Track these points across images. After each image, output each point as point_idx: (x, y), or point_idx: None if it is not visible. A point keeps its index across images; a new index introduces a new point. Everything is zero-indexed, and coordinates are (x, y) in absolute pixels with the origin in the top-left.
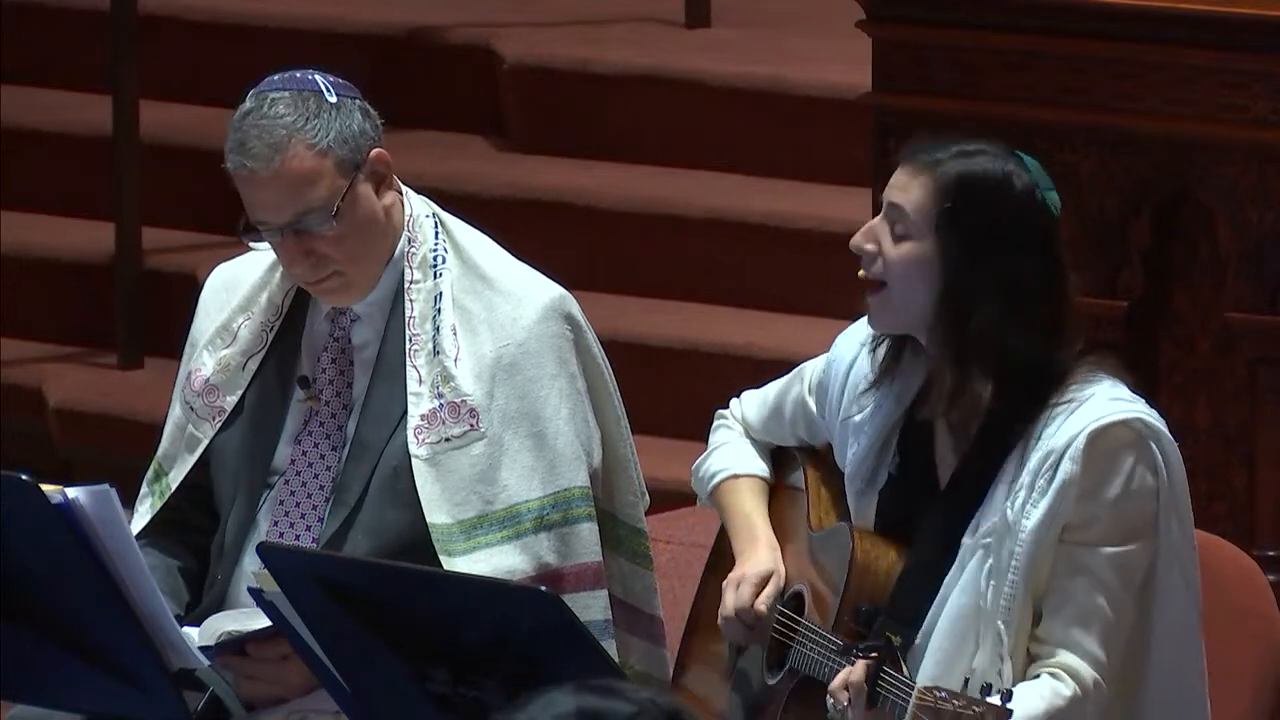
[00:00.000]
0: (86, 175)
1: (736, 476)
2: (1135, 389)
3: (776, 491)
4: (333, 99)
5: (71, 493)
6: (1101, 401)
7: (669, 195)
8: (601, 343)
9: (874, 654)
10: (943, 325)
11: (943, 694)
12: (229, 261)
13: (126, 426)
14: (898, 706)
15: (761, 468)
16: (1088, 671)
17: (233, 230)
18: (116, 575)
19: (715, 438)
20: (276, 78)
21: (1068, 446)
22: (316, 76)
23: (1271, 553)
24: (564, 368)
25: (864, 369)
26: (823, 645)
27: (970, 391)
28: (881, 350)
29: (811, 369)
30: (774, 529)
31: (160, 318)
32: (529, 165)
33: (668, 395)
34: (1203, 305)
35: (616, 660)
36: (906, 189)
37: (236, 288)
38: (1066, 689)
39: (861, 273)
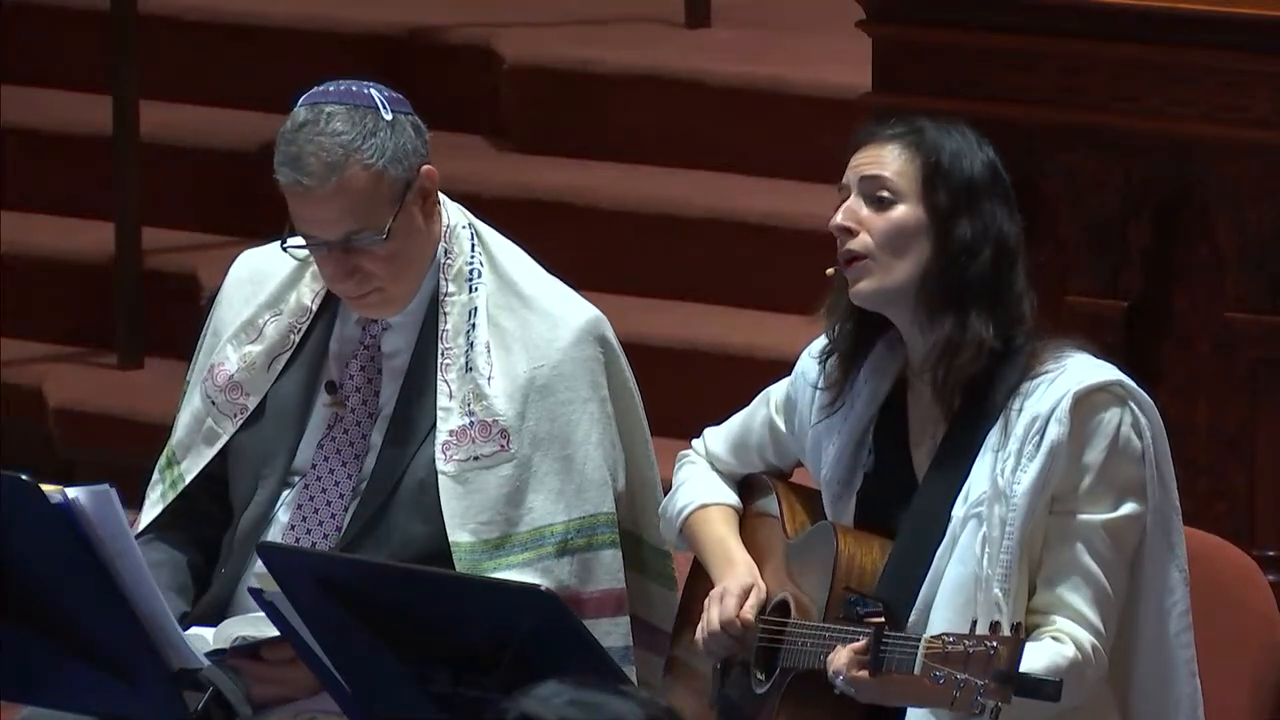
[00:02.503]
0: (86, 175)
1: (706, 506)
2: (1104, 358)
3: (747, 519)
4: (388, 116)
5: (71, 493)
6: (1082, 367)
7: (669, 195)
8: None
9: (878, 616)
10: (940, 279)
11: (950, 638)
12: (253, 251)
13: (126, 426)
14: (904, 664)
15: (730, 496)
16: (1085, 636)
17: (233, 230)
18: (116, 575)
19: (680, 475)
20: (331, 88)
21: (1053, 409)
22: (373, 91)
23: (1271, 553)
24: (596, 391)
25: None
26: (816, 635)
27: (972, 339)
28: (833, 361)
29: (776, 391)
30: (749, 552)
31: (160, 318)
32: (529, 165)
33: (668, 395)
34: (1203, 305)
35: (637, 680)
36: (880, 160)
37: (264, 282)
38: (1068, 650)
39: (849, 246)
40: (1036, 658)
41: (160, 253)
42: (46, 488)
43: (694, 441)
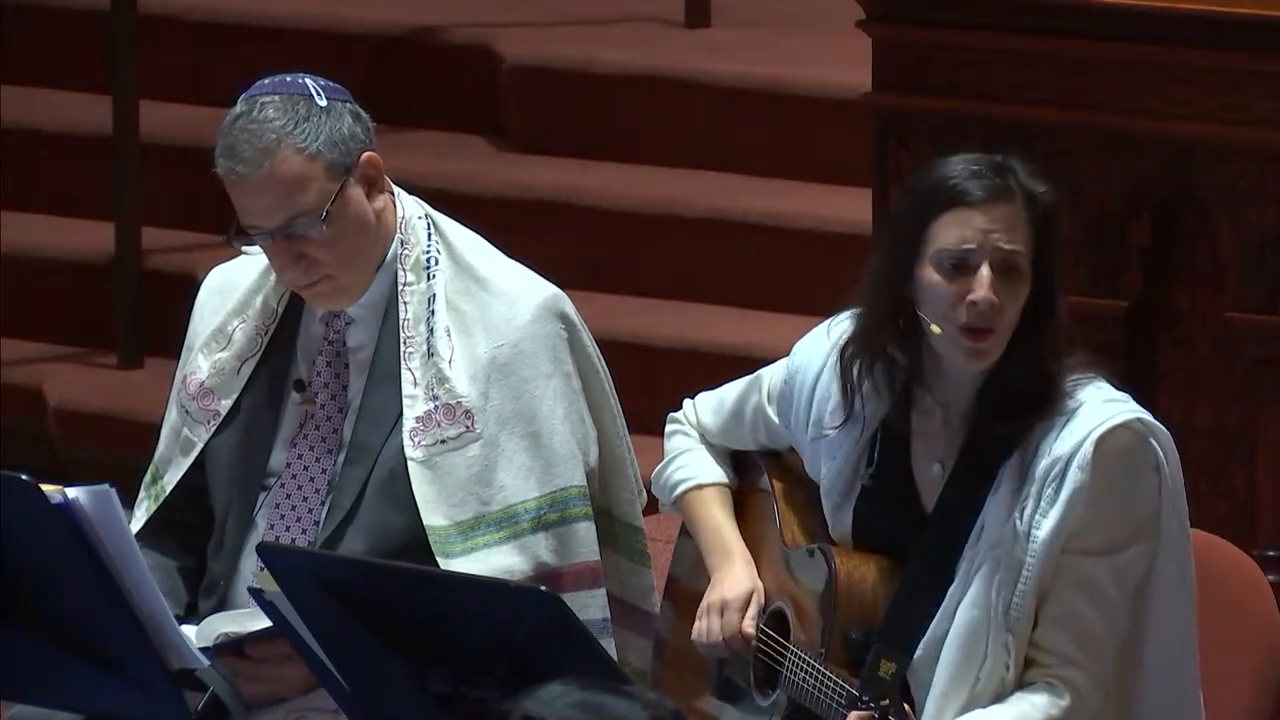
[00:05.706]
0: (86, 175)
1: (701, 486)
2: (1115, 384)
3: (742, 496)
4: (323, 102)
5: (71, 493)
6: (1098, 406)
7: (669, 195)
8: (601, 343)
9: (884, 702)
10: (1046, 340)
11: None
12: (224, 264)
13: (126, 426)
14: None
15: (725, 476)
16: (1084, 681)
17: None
18: (116, 575)
19: (672, 444)
20: (267, 81)
21: (1074, 454)
22: (307, 80)
23: (1271, 553)
24: (559, 367)
25: (829, 385)
26: (816, 676)
27: (1059, 388)
28: (849, 373)
29: (769, 377)
30: (745, 539)
31: (160, 318)
32: (529, 165)
33: (668, 395)
34: (1203, 305)
35: (615, 658)
36: (1011, 229)
37: (232, 291)
38: (1062, 699)
39: (996, 327)
40: (1031, 710)
41: (160, 253)
42: (46, 488)
43: (685, 404)
